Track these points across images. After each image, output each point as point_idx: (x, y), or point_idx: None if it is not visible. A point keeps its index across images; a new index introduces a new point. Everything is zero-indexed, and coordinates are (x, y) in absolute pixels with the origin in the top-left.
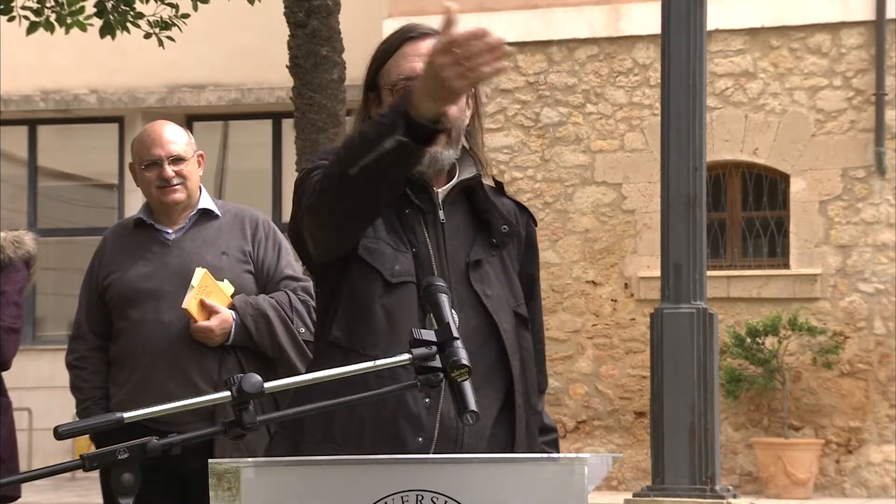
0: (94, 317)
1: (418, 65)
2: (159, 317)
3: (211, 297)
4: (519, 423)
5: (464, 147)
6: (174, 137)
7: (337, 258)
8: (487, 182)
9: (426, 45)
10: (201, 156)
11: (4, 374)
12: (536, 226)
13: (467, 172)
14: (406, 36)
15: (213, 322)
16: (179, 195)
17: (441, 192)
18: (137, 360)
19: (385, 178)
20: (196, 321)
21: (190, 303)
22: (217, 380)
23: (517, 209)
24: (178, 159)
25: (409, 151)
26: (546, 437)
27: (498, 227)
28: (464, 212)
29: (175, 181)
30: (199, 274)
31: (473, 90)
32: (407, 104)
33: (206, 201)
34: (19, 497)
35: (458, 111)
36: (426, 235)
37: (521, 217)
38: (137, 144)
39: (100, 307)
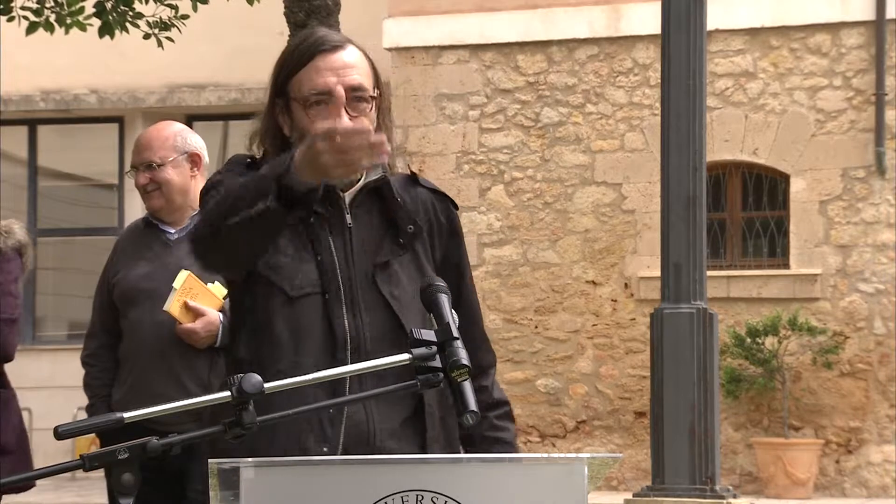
0: (104, 315)
1: (331, 79)
2: (155, 317)
3: (197, 299)
4: (429, 421)
5: None
6: (151, 143)
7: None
8: (401, 174)
9: (338, 58)
10: (195, 156)
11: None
12: (458, 209)
13: (373, 174)
14: (318, 48)
15: (197, 324)
16: (156, 202)
17: (348, 195)
18: (134, 359)
19: (255, 236)
20: (180, 323)
21: (171, 305)
22: (207, 382)
23: (434, 197)
24: (149, 166)
25: (276, 215)
26: (497, 412)
27: (404, 227)
28: (373, 213)
29: (149, 188)
30: (182, 276)
31: (378, 90)
32: (283, 171)
33: None
34: (34, 486)
35: (369, 122)
36: (331, 242)
37: (439, 205)
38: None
39: (110, 305)
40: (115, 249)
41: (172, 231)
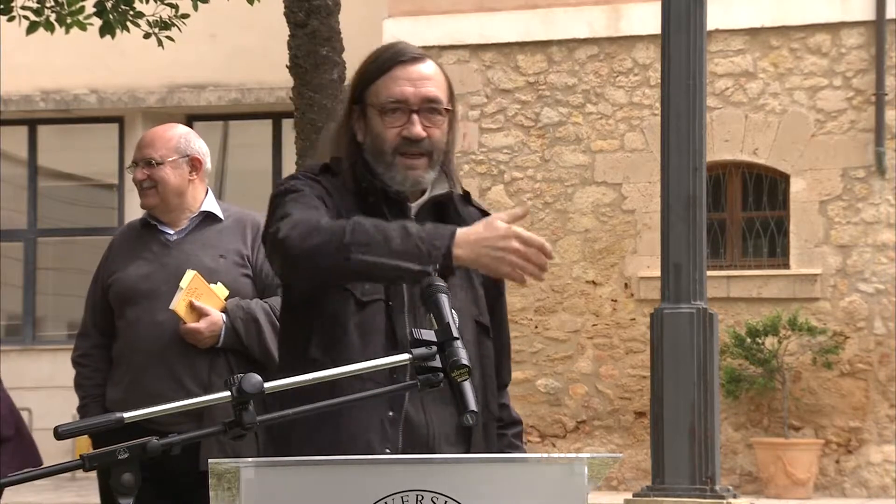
0: (98, 314)
1: (407, 88)
2: (154, 317)
3: (202, 300)
4: (475, 427)
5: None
6: (154, 141)
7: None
8: (455, 192)
9: (415, 70)
10: (196, 160)
11: (5, 373)
12: None
13: (439, 188)
14: (398, 59)
15: (201, 324)
16: (150, 199)
17: (414, 206)
18: (131, 359)
19: (375, 278)
20: (185, 322)
21: (178, 304)
22: (207, 382)
23: (483, 217)
24: (148, 163)
25: (422, 277)
26: (514, 430)
27: None
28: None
29: (145, 185)
30: (189, 276)
31: (452, 107)
32: (451, 245)
33: (210, 204)
34: (41, 463)
35: (441, 134)
36: None
37: None
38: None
39: (104, 305)
40: (109, 249)
41: (171, 232)
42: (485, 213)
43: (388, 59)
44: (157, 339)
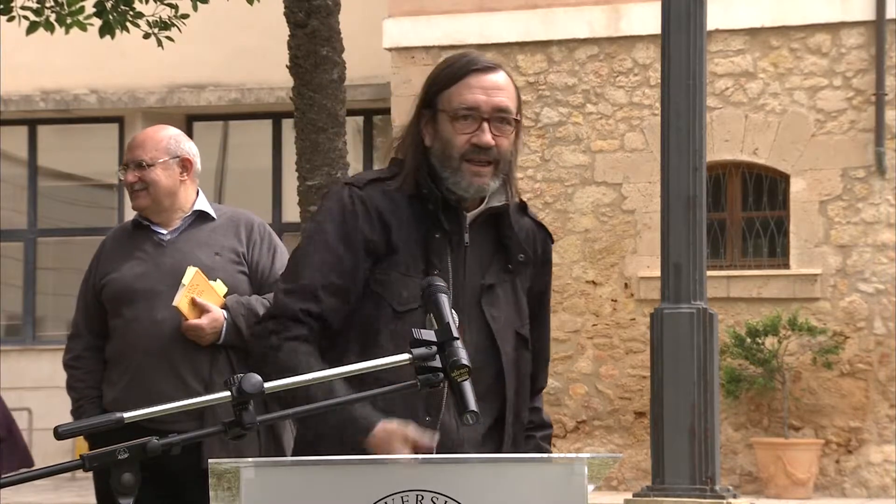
0: (90, 316)
1: (480, 97)
2: (152, 316)
3: (203, 297)
4: (506, 440)
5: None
6: (144, 143)
7: None
8: (513, 202)
9: (488, 79)
10: (186, 161)
11: (5, 373)
12: (553, 243)
13: (497, 199)
14: (472, 67)
15: (203, 320)
16: (142, 201)
17: (470, 216)
18: (130, 358)
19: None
20: (187, 319)
21: (181, 301)
22: (208, 379)
23: (536, 228)
24: (139, 165)
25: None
26: (543, 433)
27: (515, 255)
28: (488, 235)
29: (136, 186)
30: (191, 272)
31: (520, 118)
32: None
33: (201, 204)
34: (33, 464)
35: (509, 144)
36: (449, 260)
37: (538, 235)
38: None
39: (96, 306)
40: (100, 250)
41: (164, 232)
42: (539, 225)
43: (463, 67)
44: (156, 337)
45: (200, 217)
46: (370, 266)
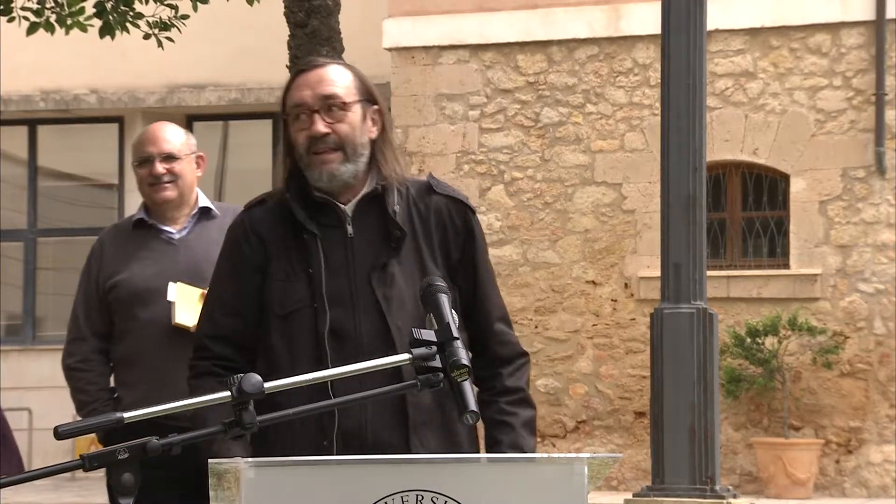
0: (94, 318)
1: (305, 92)
2: (171, 315)
3: (195, 305)
4: (412, 423)
5: (374, 160)
6: (169, 136)
7: None
8: (418, 182)
9: (314, 74)
10: (201, 157)
11: (5, 373)
12: (475, 212)
13: (368, 187)
14: (300, 69)
15: None
16: (169, 193)
17: (347, 207)
18: (151, 359)
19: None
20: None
21: (178, 317)
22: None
23: (449, 203)
24: (169, 157)
25: None
26: (508, 398)
27: (394, 233)
28: (373, 218)
29: (165, 178)
30: (173, 289)
31: (377, 107)
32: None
33: (203, 201)
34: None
35: (350, 127)
36: (322, 258)
37: (454, 209)
38: (135, 143)
39: (100, 309)
40: (99, 251)
41: (173, 230)
42: (451, 198)
43: (294, 72)
44: (177, 336)
45: (205, 214)
46: (261, 282)
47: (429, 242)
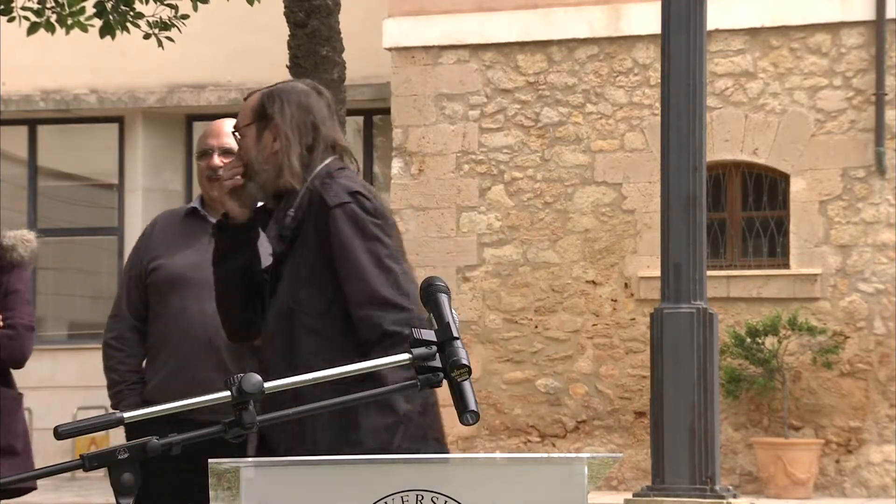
0: (132, 297)
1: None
2: (202, 306)
3: None
4: (311, 419)
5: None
6: (231, 131)
7: None
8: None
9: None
10: None
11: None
12: (340, 205)
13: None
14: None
15: None
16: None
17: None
18: (176, 346)
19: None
20: None
21: None
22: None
23: (316, 202)
24: (229, 151)
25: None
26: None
27: (276, 240)
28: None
29: (221, 171)
30: None
31: (274, 123)
32: None
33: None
34: (35, 489)
35: (253, 148)
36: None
37: (317, 204)
38: (200, 136)
39: (139, 289)
40: (150, 233)
41: None
42: (318, 199)
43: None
44: (204, 327)
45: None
46: None
47: (307, 242)
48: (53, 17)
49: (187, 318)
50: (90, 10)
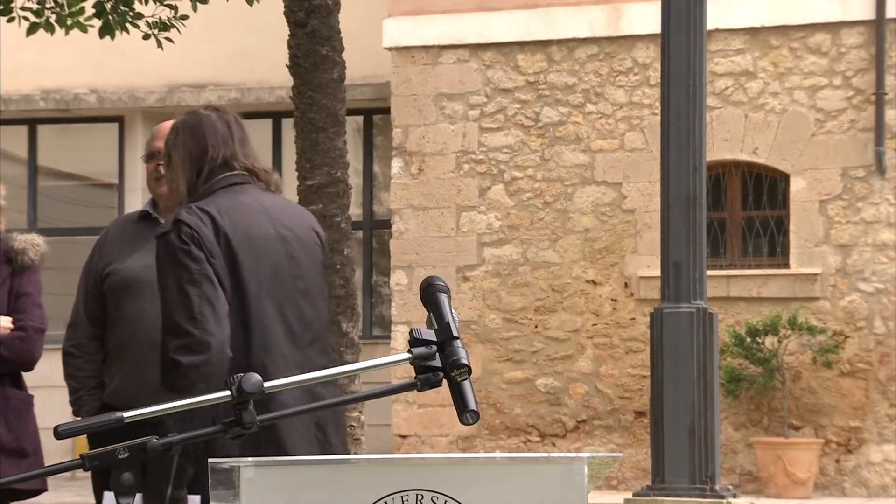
0: (90, 304)
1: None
2: (157, 307)
3: None
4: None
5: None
6: (161, 133)
7: None
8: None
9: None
10: None
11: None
12: (156, 236)
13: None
14: None
15: None
16: (164, 188)
17: None
18: (133, 350)
19: None
20: None
21: None
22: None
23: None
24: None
25: None
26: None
27: None
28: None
29: (155, 174)
30: None
31: (173, 155)
32: None
33: None
34: (46, 489)
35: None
36: None
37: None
38: (147, 138)
39: (97, 295)
40: (103, 239)
41: None
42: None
43: None
44: (160, 331)
45: None
46: None
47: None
48: (53, 18)
49: (146, 320)
50: (90, 10)
